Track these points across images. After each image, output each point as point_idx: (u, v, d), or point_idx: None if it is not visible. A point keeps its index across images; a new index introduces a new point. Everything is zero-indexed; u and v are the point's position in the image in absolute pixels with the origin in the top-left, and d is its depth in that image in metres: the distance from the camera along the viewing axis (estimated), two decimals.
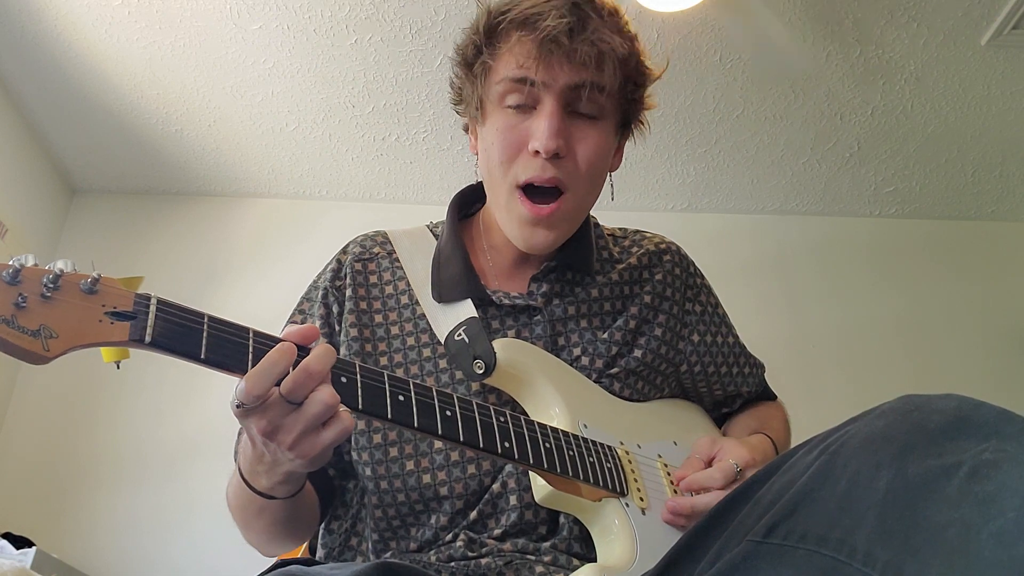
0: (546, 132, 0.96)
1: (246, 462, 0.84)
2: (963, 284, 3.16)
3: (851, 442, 0.61)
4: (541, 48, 0.95)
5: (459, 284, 1.04)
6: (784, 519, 0.62)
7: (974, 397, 0.58)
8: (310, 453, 0.74)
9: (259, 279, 3.03)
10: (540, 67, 0.96)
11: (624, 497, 0.91)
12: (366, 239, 1.14)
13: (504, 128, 1.00)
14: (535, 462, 0.85)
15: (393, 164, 3.02)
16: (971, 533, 0.50)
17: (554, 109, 0.97)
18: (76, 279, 0.64)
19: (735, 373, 1.18)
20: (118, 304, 0.66)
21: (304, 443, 0.73)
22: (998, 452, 0.52)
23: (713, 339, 1.16)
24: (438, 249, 1.10)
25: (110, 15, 2.43)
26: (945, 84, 2.66)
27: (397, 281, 1.08)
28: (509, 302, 1.05)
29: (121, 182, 3.17)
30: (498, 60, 1.00)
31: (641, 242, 1.19)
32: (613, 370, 1.05)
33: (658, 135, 2.88)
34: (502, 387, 0.98)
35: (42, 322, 0.61)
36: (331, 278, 1.09)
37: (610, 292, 1.10)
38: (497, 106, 1.01)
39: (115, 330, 0.65)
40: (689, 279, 1.18)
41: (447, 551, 0.92)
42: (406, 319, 1.05)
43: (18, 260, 0.62)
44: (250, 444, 0.79)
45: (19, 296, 0.60)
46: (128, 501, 2.71)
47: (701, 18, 2.41)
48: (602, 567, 0.82)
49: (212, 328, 0.70)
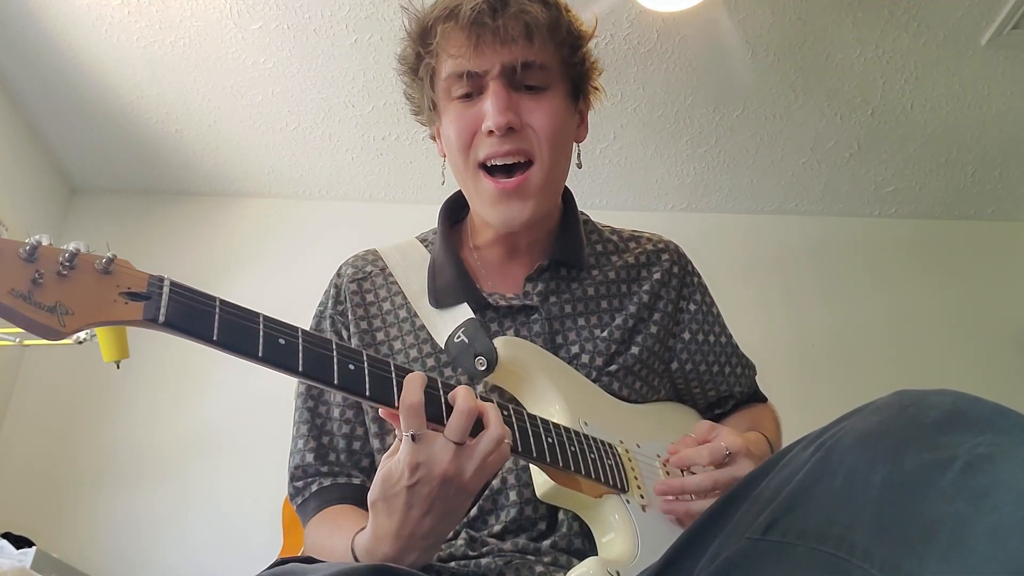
0: (494, 110, 0.98)
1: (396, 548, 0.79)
2: (963, 284, 3.16)
3: (847, 438, 0.61)
4: (469, 34, 0.98)
5: (455, 289, 1.05)
6: (782, 516, 0.62)
7: (968, 392, 0.58)
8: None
9: (259, 278, 3.03)
10: (473, 55, 0.98)
11: (625, 493, 0.91)
12: (357, 259, 1.15)
13: (456, 117, 1.02)
14: (537, 456, 0.85)
15: (393, 164, 3.02)
16: (966, 528, 0.50)
17: (498, 88, 0.99)
18: (91, 259, 0.65)
19: (727, 373, 1.18)
20: (132, 285, 0.66)
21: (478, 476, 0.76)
22: (993, 446, 0.52)
23: (705, 338, 1.16)
24: (432, 257, 1.11)
25: (110, 15, 2.43)
26: (945, 84, 2.66)
27: (393, 296, 1.09)
28: (505, 303, 1.05)
29: (121, 182, 3.17)
30: (437, 59, 1.02)
31: (639, 240, 1.20)
32: (612, 368, 1.05)
33: (658, 135, 2.88)
34: (504, 384, 0.98)
35: (58, 299, 0.61)
36: (332, 304, 1.10)
37: (607, 290, 1.11)
38: (447, 102, 1.03)
39: (129, 309, 0.65)
40: (687, 277, 1.18)
41: (448, 549, 0.93)
42: (406, 332, 1.05)
43: (35, 238, 0.62)
44: (410, 522, 0.76)
45: (36, 273, 0.61)
46: (128, 501, 2.71)
47: (701, 18, 2.41)
48: (605, 560, 0.82)
49: (224, 311, 0.70)
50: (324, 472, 1.03)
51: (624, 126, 2.84)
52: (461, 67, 0.99)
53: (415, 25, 1.04)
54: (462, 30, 0.98)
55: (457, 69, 1.00)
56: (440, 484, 0.73)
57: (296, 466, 1.04)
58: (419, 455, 0.73)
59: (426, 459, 0.73)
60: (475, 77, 0.99)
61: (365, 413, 1.05)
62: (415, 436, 0.73)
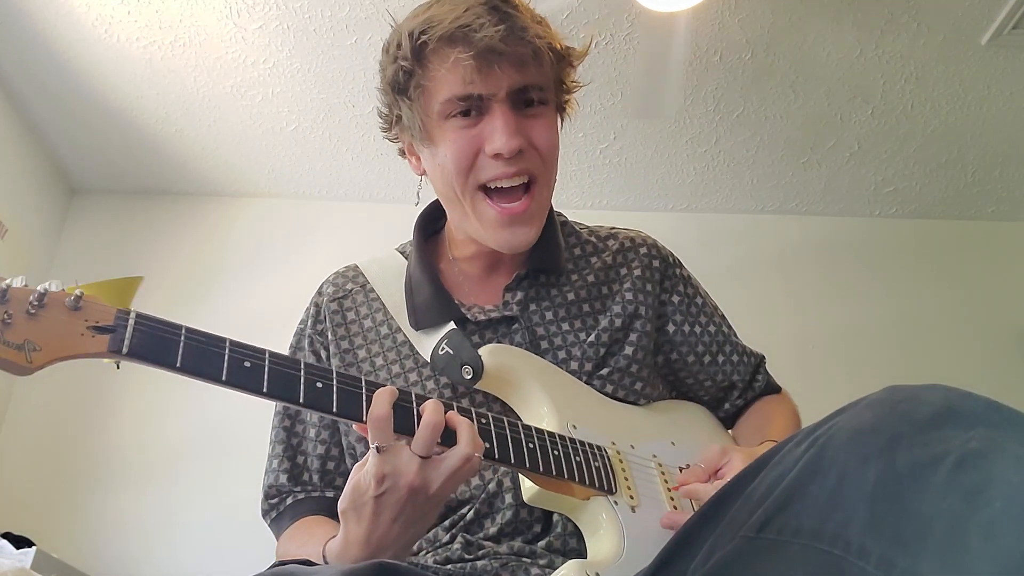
0: (504, 134, 0.96)
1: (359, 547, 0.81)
2: (963, 284, 3.15)
3: (839, 435, 0.61)
4: (480, 60, 0.95)
5: (433, 308, 1.04)
6: (776, 514, 0.62)
7: (960, 388, 0.58)
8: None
9: (259, 279, 3.03)
10: (480, 78, 0.96)
11: (613, 495, 0.92)
12: (338, 276, 1.15)
13: (455, 138, 0.99)
14: (517, 462, 0.85)
15: (393, 164, 3.01)
16: (959, 525, 0.50)
17: (505, 111, 0.97)
18: (61, 297, 0.69)
19: (721, 362, 1.17)
20: (100, 319, 0.70)
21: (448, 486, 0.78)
22: (985, 441, 0.52)
23: (691, 328, 1.15)
24: (408, 274, 1.10)
25: (110, 15, 2.43)
26: (945, 84, 2.66)
27: (375, 313, 1.09)
28: (485, 316, 1.05)
29: (121, 182, 3.17)
30: (433, 80, 0.98)
31: (616, 237, 1.19)
32: (604, 371, 1.04)
33: (658, 135, 2.88)
34: (492, 390, 0.99)
35: (26, 337, 0.66)
36: (312, 323, 1.11)
37: (587, 293, 1.10)
38: (441, 121, 1.00)
39: (96, 342, 0.69)
40: (668, 270, 1.17)
41: (444, 553, 0.93)
42: (388, 348, 1.05)
43: (6, 281, 0.67)
44: (368, 531, 0.78)
45: (5, 314, 0.66)
46: (128, 501, 2.71)
47: (701, 18, 2.41)
48: (585, 563, 0.83)
49: (189, 339, 0.73)
50: (297, 491, 1.05)
51: (624, 126, 2.84)
52: (467, 90, 0.96)
53: (408, 44, 0.98)
54: (474, 57, 0.95)
55: (461, 92, 0.97)
56: (407, 494, 0.75)
57: (270, 485, 1.06)
58: (385, 466, 0.75)
59: (392, 470, 0.75)
60: (477, 99, 0.97)
61: (344, 435, 1.05)
62: (380, 448, 0.75)
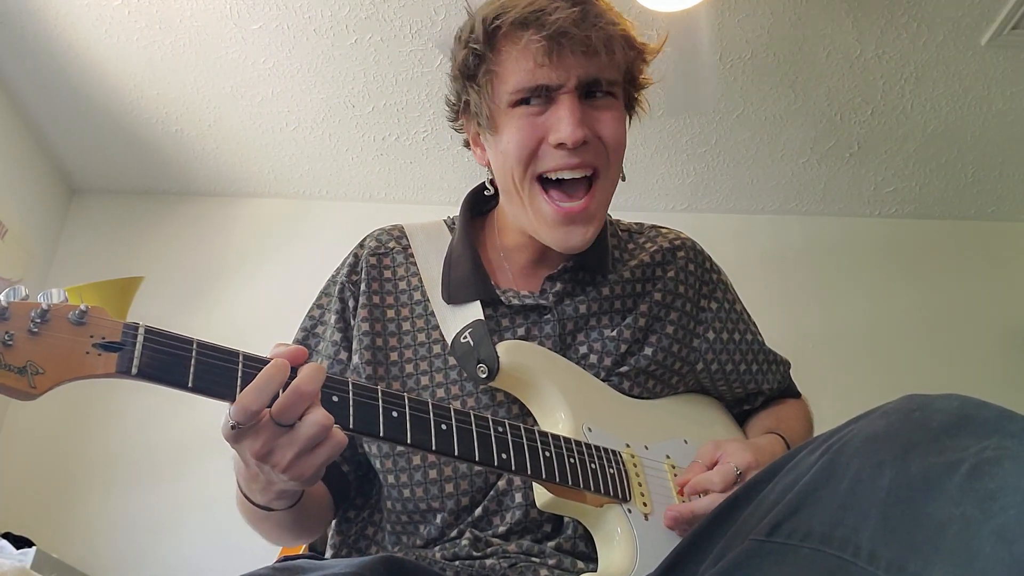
0: (569, 124, 0.94)
1: (242, 480, 0.84)
2: (963, 284, 3.16)
3: (853, 441, 0.61)
4: (551, 43, 0.93)
5: (468, 285, 1.03)
6: (787, 518, 0.62)
7: (975, 397, 0.58)
8: (304, 474, 0.74)
9: (259, 279, 3.02)
10: (552, 66, 0.94)
11: (627, 503, 0.91)
12: (382, 233, 1.14)
13: (521, 125, 0.97)
14: (533, 472, 0.84)
15: (393, 164, 3.01)
16: (972, 530, 0.50)
17: (572, 101, 0.95)
18: (65, 311, 0.64)
19: (755, 371, 1.16)
20: (106, 334, 0.66)
21: (298, 465, 0.72)
22: (999, 450, 0.52)
23: (730, 336, 1.15)
24: (450, 248, 1.09)
25: (110, 15, 2.43)
26: (945, 84, 2.66)
27: (411, 277, 1.08)
28: (519, 301, 1.04)
29: (121, 182, 3.17)
30: (503, 65, 0.97)
31: (656, 238, 1.17)
32: (623, 368, 1.04)
33: (658, 135, 2.88)
34: (509, 389, 0.98)
35: (29, 358, 0.61)
36: (348, 272, 1.09)
37: (621, 290, 1.09)
38: (508, 109, 0.98)
39: (103, 362, 0.65)
40: (705, 275, 1.16)
41: (452, 549, 0.92)
42: (417, 315, 1.04)
43: (6, 295, 0.62)
44: (243, 464, 0.79)
45: (6, 334, 0.61)
46: (128, 501, 2.71)
47: (701, 18, 2.40)
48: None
49: (200, 355, 0.70)
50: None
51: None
52: (537, 79, 0.95)
53: (480, 28, 0.97)
54: (545, 39, 0.93)
55: (531, 80, 0.95)
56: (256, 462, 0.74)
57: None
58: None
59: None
60: (545, 89, 0.96)
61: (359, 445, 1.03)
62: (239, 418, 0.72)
